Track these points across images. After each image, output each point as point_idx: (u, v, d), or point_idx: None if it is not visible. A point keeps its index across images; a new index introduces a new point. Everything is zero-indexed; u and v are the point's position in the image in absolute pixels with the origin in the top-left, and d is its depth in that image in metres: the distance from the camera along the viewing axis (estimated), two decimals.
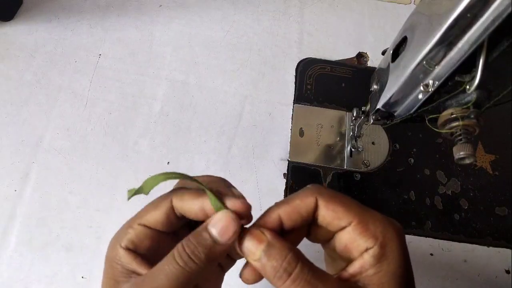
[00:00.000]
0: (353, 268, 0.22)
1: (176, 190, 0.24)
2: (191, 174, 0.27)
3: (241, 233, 0.22)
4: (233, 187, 0.25)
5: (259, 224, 0.23)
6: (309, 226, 0.24)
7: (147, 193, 0.22)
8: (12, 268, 0.40)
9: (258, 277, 0.23)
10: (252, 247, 0.21)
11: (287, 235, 0.23)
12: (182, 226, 0.25)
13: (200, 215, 0.23)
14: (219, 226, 0.21)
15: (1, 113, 0.48)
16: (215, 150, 0.47)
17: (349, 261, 0.23)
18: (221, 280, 0.27)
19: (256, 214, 0.24)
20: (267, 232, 0.22)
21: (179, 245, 0.21)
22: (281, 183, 0.46)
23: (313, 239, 0.25)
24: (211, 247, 0.21)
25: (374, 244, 0.21)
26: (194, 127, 0.49)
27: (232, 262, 0.26)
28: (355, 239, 0.21)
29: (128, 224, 0.23)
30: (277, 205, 0.23)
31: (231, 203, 0.22)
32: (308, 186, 0.24)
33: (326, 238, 0.24)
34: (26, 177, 0.44)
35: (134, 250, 0.22)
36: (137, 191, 0.22)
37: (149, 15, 0.56)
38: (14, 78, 0.50)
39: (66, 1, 0.56)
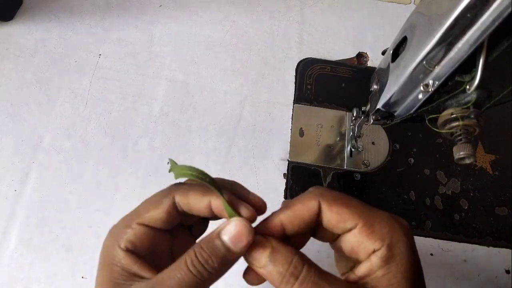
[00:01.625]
0: (361, 270, 0.21)
1: (178, 186, 0.23)
2: None
3: None
4: (250, 191, 0.24)
5: (260, 231, 0.22)
6: (315, 227, 0.24)
7: (175, 177, 0.22)
8: (12, 268, 0.40)
9: (262, 279, 0.23)
10: (257, 254, 0.21)
11: (292, 238, 0.23)
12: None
13: (206, 212, 0.22)
14: (233, 234, 0.21)
15: (1, 113, 0.48)
16: (215, 150, 0.47)
17: (356, 261, 0.22)
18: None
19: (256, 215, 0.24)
20: (271, 239, 0.21)
21: (191, 253, 0.20)
22: (281, 183, 0.46)
23: (320, 239, 0.25)
24: (224, 256, 0.20)
25: (381, 245, 0.21)
26: (194, 127, 0.49)
27: (203, 228, 0.26)
28: (362, 241, 0.21)
29: (126, 223, 0.22)
30: (279, 211, 0.23)
31: (244, 210, 0.22)
32: (310, 189, 0.23)
33: (332, 238, 0.24)
34: (26, 177, 0.44)
35: (133, 251, 0.21)
36: (172, 167, 0.22)
37: (149, 15, 0.56)
38: (14, 78, 0.50)
39: (66, 1, 0.56)
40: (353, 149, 0.47)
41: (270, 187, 0.46)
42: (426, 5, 0.28)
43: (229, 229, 0.21)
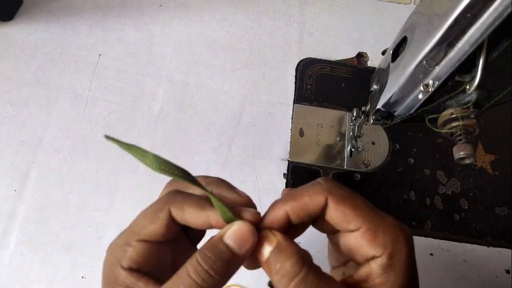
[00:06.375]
0: (359, 276, 0.21)
1: (173, 197, 0.22)
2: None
3: None
4: (235, 187, 0.24)
5: (265, 222, 0.22)
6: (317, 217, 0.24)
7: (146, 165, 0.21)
8: (12, 268, 0.40)
9: (258, 265, 0.22)
10: (261, 247, 0.21)
11: (291, 226, 0.23)
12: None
13: (204, 227, 0.22)
14: (237, 237, 0.20)
15: (1, 113, 0.48)
16: (215, 150, 0.47)
17: (350, 260, 0.22)
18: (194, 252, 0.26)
19: None
20: (277, 234, 0.21)
21: (193, 261, 0.20)
22: (281, 183, 0.46)
23: (319, 229, 0.24)
24: (229, 259, 0.20)
25: (382, 253, 0.20)
26: (194, 127, 0.49)
27: (202, 234, 0.25)
28: (362, 245, 0.21)
29: (125, 241, 0.21)
30: (285, 200, 0.22)
31: (247, 214, 0.21)
32: (319, 180, 0.23)
33: (332, 231, 0.23)
34: (26, 177, 0.44)
35: (137, 269, 0.21)
36: (128, 148, 0.20)
37: (149, 15, 0.56)
38: (14, 78, 0.50)
39: (66, 1, 0.56)
40: (353, 149, 0.47)
41: (270, 187, 0.46)
42: (426, 5, 0.28)
43: (232, 233, 0.20)
